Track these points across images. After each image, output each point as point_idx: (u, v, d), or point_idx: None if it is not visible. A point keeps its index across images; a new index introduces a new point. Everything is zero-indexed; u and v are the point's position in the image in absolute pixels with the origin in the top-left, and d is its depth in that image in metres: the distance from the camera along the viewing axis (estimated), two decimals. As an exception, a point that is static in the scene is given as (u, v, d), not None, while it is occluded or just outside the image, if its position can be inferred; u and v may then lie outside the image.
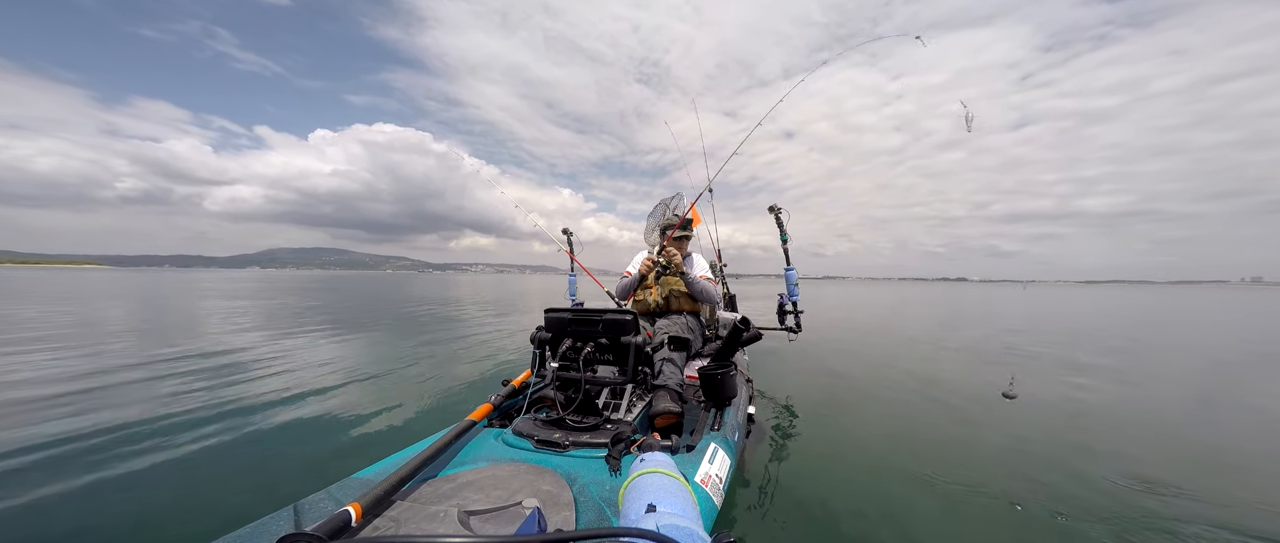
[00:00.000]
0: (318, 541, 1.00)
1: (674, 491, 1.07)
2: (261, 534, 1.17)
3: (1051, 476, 2.61)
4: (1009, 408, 3.96)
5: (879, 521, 2.13)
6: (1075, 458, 2.88)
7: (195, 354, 5.75)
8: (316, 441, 3.04)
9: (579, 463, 1.63)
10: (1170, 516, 2.21)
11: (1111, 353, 7.09)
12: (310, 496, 1.38)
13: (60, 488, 2.31)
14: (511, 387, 2.37)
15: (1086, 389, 4.69)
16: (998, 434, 3.31)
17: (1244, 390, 4.86)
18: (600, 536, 0.85)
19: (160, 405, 3.63)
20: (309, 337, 7.46)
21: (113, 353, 5.74)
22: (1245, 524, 2.13)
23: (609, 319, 2.09)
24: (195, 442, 2.93)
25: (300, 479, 2.46)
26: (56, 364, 5.06)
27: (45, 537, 1.94)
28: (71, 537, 1.93)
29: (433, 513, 1.27)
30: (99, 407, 3.56)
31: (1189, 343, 8.46)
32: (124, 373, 4.67)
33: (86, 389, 4.06)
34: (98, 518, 2.07)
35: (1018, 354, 6.85)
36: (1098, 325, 11.38)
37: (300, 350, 6.19)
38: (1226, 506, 2.31)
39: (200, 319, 9.65)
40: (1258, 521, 2.17)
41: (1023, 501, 2.32)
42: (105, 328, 8.04)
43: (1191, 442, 3.27)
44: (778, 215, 3.63)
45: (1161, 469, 2.71)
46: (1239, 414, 4.00)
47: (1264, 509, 2.29)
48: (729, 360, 2.40)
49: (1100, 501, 2.35)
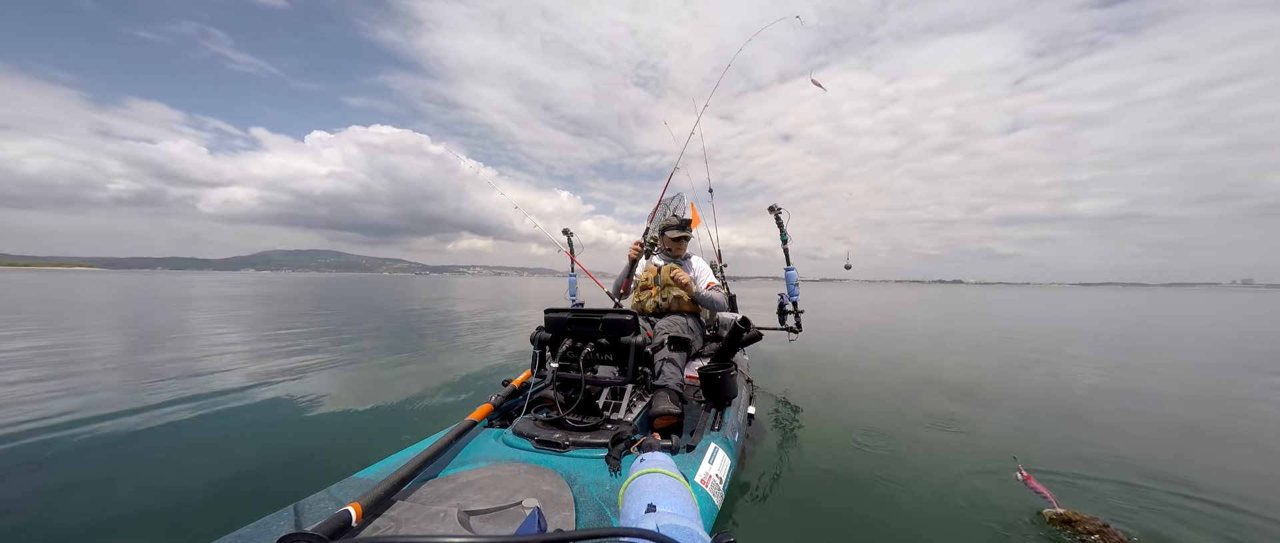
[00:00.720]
0: (318, 540, 0.99)
1: (674, 491, 1.07)
2: (262, 534, 1.17)
3: (1051, 476, 2.61)
4: (1009, 408, 3.97)
5: (879, 520, 2.13)
6: (1075, 458, 2.88)
7: (193, 357, 5.74)
8: (316, 441, 3.04)
9: (579, 463, 1.63)
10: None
11: (1134, 351, 7.09)
12: (310, 496, 1.38)
13: (59, 483, 2.31)
14: (512, 387, 2.37)
15: (1097, 391, 4.70)
16: (997, 434, 3.32)
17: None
18: (600, 536, 0.85)
19: (159, 406, 3.62)
20: (309, 337, 7.46)
21: (96, 361, 5.73)
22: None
23: (609, 319, 2.09)
24: (195, 442, 2.93)
25: (300, 479, 2.46)
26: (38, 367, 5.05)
27: (45, 537, 1.94)
28: (73, 536, 1.93)
29: (433, 513, 1.27)
30: (86, 409, 3.56)
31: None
32: (112, 374, 4.67)
33: (75, 387, 4.05)
34: (97, 518, 2.06)
35: (1017, 355, 6.86)
36: (1112, 331, 11.39)
37: (300, 351, 6.19)
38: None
39: (192, 325, 9.64)
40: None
41: (1022, 500, 2.32)
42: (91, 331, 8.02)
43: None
44: (778, 215, 3.62)
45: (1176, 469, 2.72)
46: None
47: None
48: (729, 360, 2.40)
49: (1099, 500, 2.35)
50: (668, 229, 3.38)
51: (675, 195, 4.27)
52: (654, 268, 3.30)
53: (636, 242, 3.52)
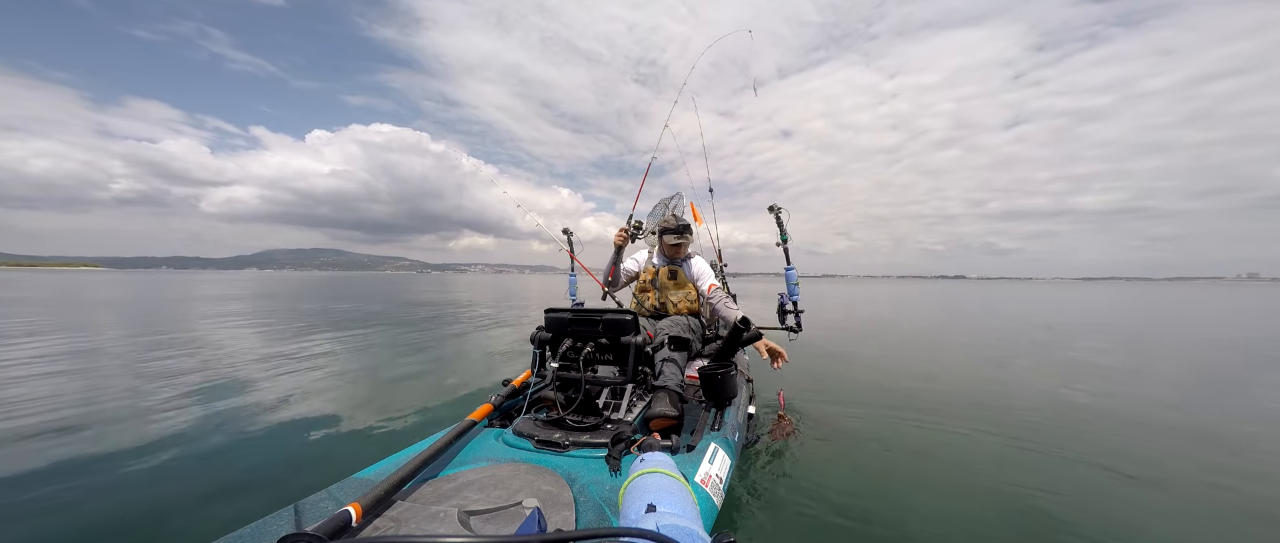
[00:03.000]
0: (318, 541, 0.99)
1: (674, 491, 1.07)
2: (262, 534, 1.17)
3: (1051, 476, 2.62)
4: (1009, 410, 3.96)
5: (879, 520, 2.13)
6: (1077, 459, 2.88)
7: (190, 355, 5.75)
8: (316, 440, 3.04)
9: (579, 463, 1.63)
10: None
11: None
12: (310, 496, 1.38)
13: (58, 489, 2.31)
14: (511, 387, 2.37)
15: (1107, 395, 4.70)
16: (997, 434, 3.31)
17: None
18: (600, 536, 0.85)
19: (156, 407, 3.63)
20: (308, 337, 7.46)
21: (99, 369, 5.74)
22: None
23: (609, 319, 2.08)
24: (194, 442, 2.94)
25: (300, 479, 2.46)
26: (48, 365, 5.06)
27: (45, 537, 1.94)
28: (79, 536, 1.94)
29: (433, 513, 1.27)
30: (90, 416, 3.56)
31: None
32: (112, 378, 4.68)
33: (78, 391, 4.06)
34: (96, 518, 2.07)
35: (1016, 355, 6.85)
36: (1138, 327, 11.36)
37: (299, 351, 6.19)
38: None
39: (197, 323, 9.64)
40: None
41: (1022, 500, 2.32)
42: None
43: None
44: (777, 215, 3.61)
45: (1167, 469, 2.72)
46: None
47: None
48: (729, 360, 2.40)
49: (1098, 499, 2.35)
50: (665, 232, 3.29)
51: (674, 195, 4.24)
52: (652, 270, 3.27)
53: (621, 228, 3.41)
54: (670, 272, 3.22)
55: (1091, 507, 2.27)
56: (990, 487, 2.47)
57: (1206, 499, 2.39)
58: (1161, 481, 2.58)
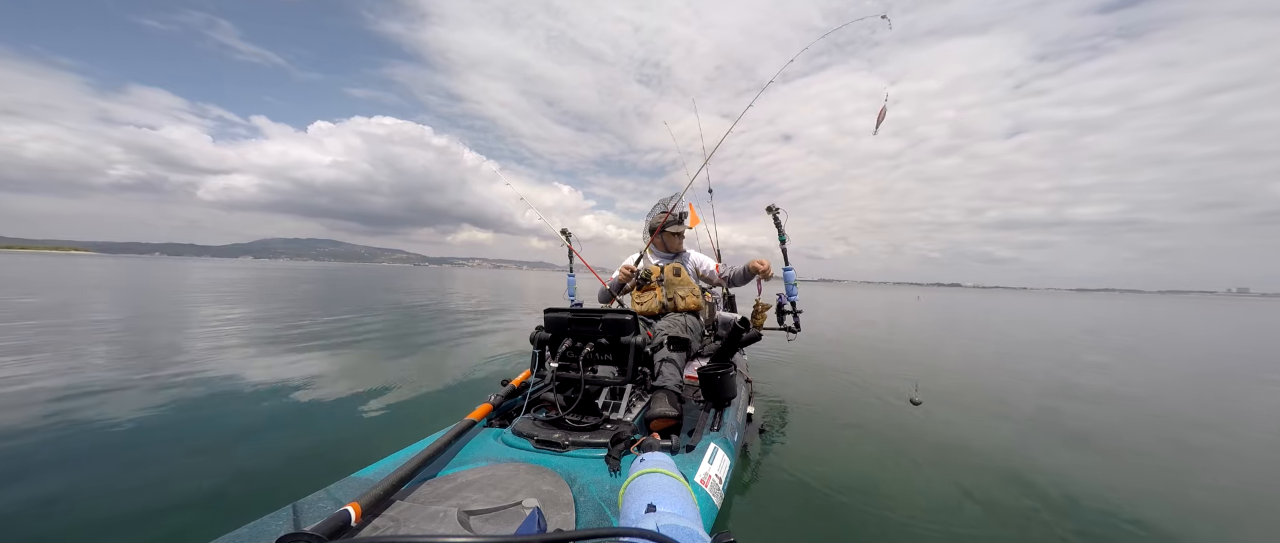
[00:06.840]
0: (317, 540, 0.99)
1: (674, 491, 1.07)
2: (261, 534, 1.16)
3: (1050, 477, 2.62)
4: (1009, 410, 3.97)
5: (878, 519, 2.13)
6: (1076, 460, 2.89)
7: (185, 350, 5.73)
8: (315, 440, 3.03)
9: (579, 463, 1.63)
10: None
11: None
12: (309, 495, 1.37)
13: (57, 483, 2.30)
14: (511, 387, 2.36)
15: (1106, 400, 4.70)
16: (997, 433, 3.32)
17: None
18: (600, 536, 0.85)
19: (155, 405, 3.61)
20: (308, 336, 7.44)
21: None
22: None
23: (609, 319, 2.08)
24: (190, 440, 2.92)
25: (299, 479, 2.45)
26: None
27: (44, 535, 1.93)
28: (67, 535, 1.93)
29: (432, 513, 1.27)
30: (82, 409, 3.55)
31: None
32: (106, 372, 4.65)
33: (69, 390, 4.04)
34: (94, 518, 2.06)
35: (1015, 358, 6.86)
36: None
37: (298, 349, 6.17)
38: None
39: (186, 315, 9.60)
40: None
41: (1020, 500, 2.33)
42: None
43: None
44: (775, 216, 3.61)
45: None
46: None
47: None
48: (729, 360, 2.40)
49: (1094, 498, 2.36)
50: (668, 226, 3.36)
51: (674, 195, 4.26)
52: (656, 268, 3.30)
53: (626, 265, 3.40)
54: (675, 269, 3.27)
55: (1092, 507, 2.28)
56: (993, 488, 2.47)
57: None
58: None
